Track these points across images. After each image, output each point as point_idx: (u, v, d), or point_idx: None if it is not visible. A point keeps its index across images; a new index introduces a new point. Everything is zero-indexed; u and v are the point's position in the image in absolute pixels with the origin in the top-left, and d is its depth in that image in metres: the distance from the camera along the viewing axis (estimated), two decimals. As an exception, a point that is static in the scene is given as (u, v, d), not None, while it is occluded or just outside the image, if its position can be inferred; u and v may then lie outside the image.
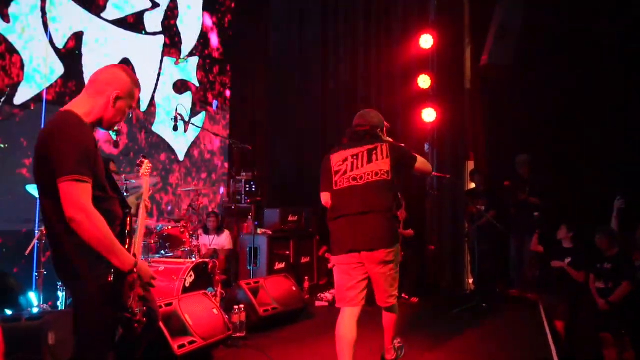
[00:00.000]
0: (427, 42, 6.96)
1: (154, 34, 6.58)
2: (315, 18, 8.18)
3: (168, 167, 6.75)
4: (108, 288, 1.84)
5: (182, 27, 7.04)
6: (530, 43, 6.37)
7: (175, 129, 4.66)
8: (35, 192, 3.96)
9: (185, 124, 6.89)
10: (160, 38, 6.69)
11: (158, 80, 6.64)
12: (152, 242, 4.99)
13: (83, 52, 5.58)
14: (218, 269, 4.89)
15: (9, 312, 3.90)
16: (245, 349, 3.72)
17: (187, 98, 7.08)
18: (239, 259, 6.16)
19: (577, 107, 6.12)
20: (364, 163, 2.99)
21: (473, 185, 6.70)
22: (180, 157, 6.97)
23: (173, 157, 6.85)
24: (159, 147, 6.62)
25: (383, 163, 2.97)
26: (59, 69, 5.32)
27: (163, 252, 5.00)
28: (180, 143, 6.97)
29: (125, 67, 2.15)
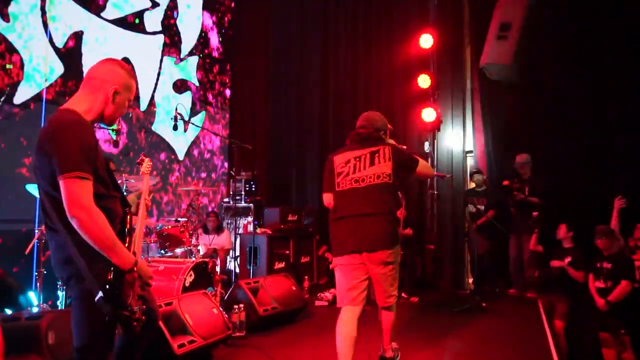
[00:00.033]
0: (427, 41, 6.98)
1: (154, 34, 6.58)
2: (315, 18, 8.18)
3: (168, 166, 6.75)
4: (107, 286, 1.83)
5: (182, 26, 7.04)
6: (530, 43, 6.36)
7: (175, 129, 4.67)
8: (35, 191, 3.97)
9: (185, 124, 6.92)
10: (160, 37, 6.69)
11: (158, 80, 6.64)
12: (151, 241, 5.01)
13: (83, 51, 5.58)
14: (219, 268, 4.89)
15: (9, 311, 3.90)
16: (245, 349, 3.72)
17: (187, 97, 7.08)
18: (239, 259, 6.15)
19: (577, 106, 6.12)
20: (367, 165, 3.02)
21: (473, 185, 6.71)
22: (180, 156, 6.97)
23: (173, 156, 6.85)
24: (159, 146, 6.63)
25: (385, 166, 3.00)
26: (59, 69, 5.32)
27: (163, 251, 5.00)
28: (180, 142, 6.98)
29: (119, 60, 2.14)
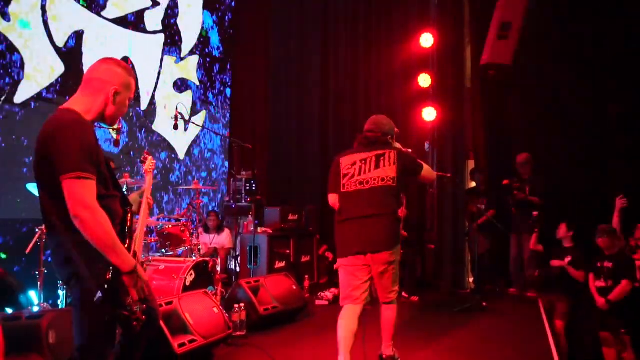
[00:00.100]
0: (427, 41, 6.97)
1: (154, 33, 6.58)
2: (315, 18, 8.17)
3: (168, 165, 6.75)
4: (107, 286, 1.83)
5: (182, 25, 7.04)
6: (530, 43, 6.36)
7: (176, 128, 4.67)
8: (36, 190, 3.97)
9: (186, 123, 6.91)
10: (161, 37, 6.68)
11: (158, 79, 6.64)
12: (151, 240, 5.01)
13: (83, 50, 5.58)
14: (220, 267, 4.89)
15: (10, 310, 3.90)
16: (246, 348, 3.72)
17: (187, 97, 7.08)
18: (239, 258, 6.15)
19: (577, 106, 6.12)
20: (372, 168, 3.10)
21: (473, 185, 6.70)
22: (181, 155, 6.97)
23: (173, 155, 6.85)
24: (159, 145, 6.63)
25: (390, 169, 3.08)
26: (59, 68, 5.32)
27: (163, 250, 5.00)
28: (181, 142, 6.98)
29: (117, 59, 2.13)
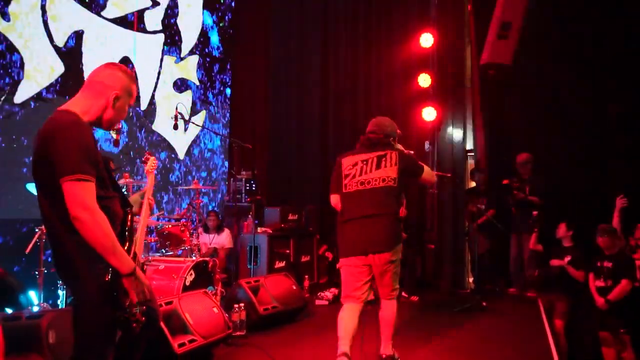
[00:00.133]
0: (427, 40, 6.96)
1: (154, 33, 6.58)
2: (315, 18, 8.17)
3: (168, 165, 6.75)
4: (106, 287, 1.83)
5: (182, 25, 7.03)
6: (530, 43, 6.36)
7: (176, 128, 4.67)
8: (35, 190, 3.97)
9: (185, 123, 6.91)
10: (161, 36, 6.68)
11: (158, 79, 6.64)
12: (151, 240, 5.01)
13: (83, 50, 5.58)
14: (218, 268, 4.90)
15: (9, 310, 3.90)
16: (246, 348, 3.72)
17: (187, 97, 7.08)
18: (239, 258, 6.16)
19: (577, 106, 6.12)
20: (373, 169, 3.15)
21: (473, 184, 6.70)
22: (181, 155, 6.97)
23: (173, 155, 6.85)
24: (159, 145, 6.63)
25: (391, 170, 3.12)
26: (59, 68, 5.32)
27: (163, 250, 5.00)
28: (181, 141, 6.97)
29: (121, 64, 2.13)
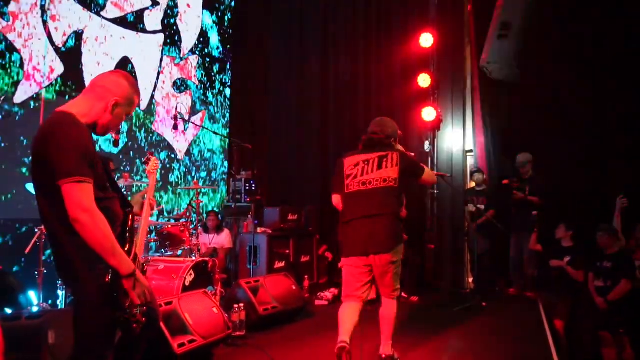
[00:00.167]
0: (427, 40, 6.96)
1: (154, 33, 6.58)
2: (315, 17, 8.17)
3: (168, 165, 6.75)
4: (106, 288, 1.83)
5: (182, 25, 7.04)
6: (530, 43, 6.36)
7: (175, 128, 4.68)
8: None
9: (185, 123, 6.92)
10: (160, 36, 6.68)
11: (158, 79, 6.64)
12: (151, 240, 5.00)
13: (83, 50, 5.58)
14: (218, 268, 4.89)
15: (9, 310, 3.91)
16: (245, 348, 3.72)
17: (186, 97, 7.08)
18: (239, 258, 6.15)
19: (577, 106, 6.12)
20: (374, 169, 3.17)
21: (473, 184, 6.70)
22: (180, 155, 6.97)
23: (173, 155, 6.85)
24: (159, 145, 6.63)
25: (392, 170, 3.15)
26: (59, 68, 5.32)
27: (163, 250, 5.00)
28: (180, 142, 6.98)
29: (127, 74, 2.13)
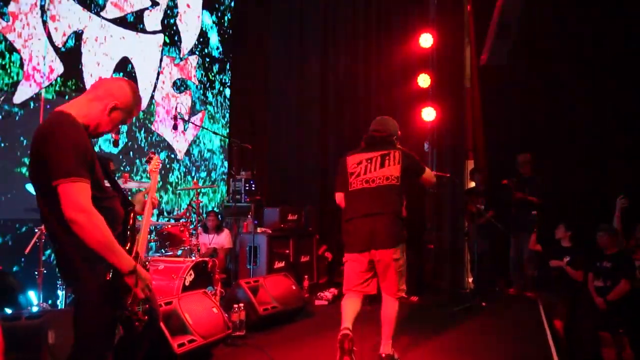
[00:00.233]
0: (427, 40, 6.97)
1: (154, 33, 6.58)
2: (315, 17, 8.17)
3: (168, 165, 6.75)
4: (107, 287, 1.83)
5: (181, 25, 7.03)
6: (530, 43, 6.36)
7: (175, 128, 4.67)
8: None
9: (185, 123, 6.92)
10: (160, 37, 6.68)
11: (157, 79, 6.64)
12: (151, 240, 5.00)
13: (83, 50, 5.58)
14: (218, 268, 4.89)
15: (9, 310, 3.90)
16: (245, 348, 3.72)
17: (186, 97, 7.08)
18: (239, 258, 6.15)
19: (577, 106, 6.12)
20: (377, 167, 3.23)
21: (473, 185, 6.71)
22: (180, 155, 6.97)
23: (173, 155, 6.85)
24: (159, 145, 6.62)
25: (394, 169, 3.21)
26: (59, 68, 5.32)
27: (163, 250, 5.00)
28: (180, 142, 6.97)
29: (132, 83, 2.12)
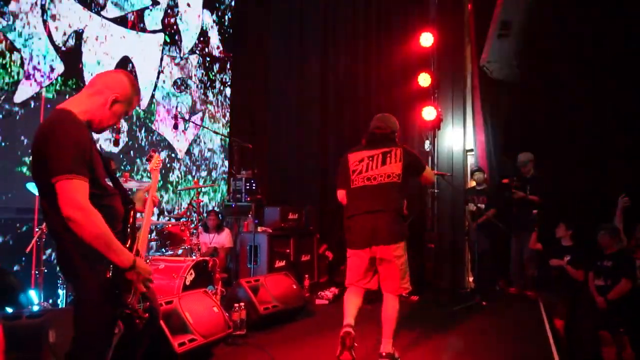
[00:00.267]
0: (427, 40, 6.96)
1: (154, 32, 6.58)
2: (315, 17, 8.17)
3: (168, 165, 6.75)
4: (107, 285, 1.84)
5: (182, 25, 7.04)
6: (531, 42, 6.36)
7: (176, 127, 4.68)
8: (35, 190, 3.98)
9: (185, 122, 6.92)
10: (160, 36, 6.68)
11: (158, 78, 6.64)
12: (151, 239, 5.00)
13: (83, 50, 5.58)
14: (218, 267, 4.90)
15: (10, 310, 3.91)
16: (246, 347, 3.73)
17: (187, 96, 7.08)
18: (239, 257, 6.16)
19: (577, 106, 6.11)
20: (379, 165, 3.25)
21: (473, 184, 6.70)
22: (181, 155, 6.97)
23: (173, 155, 6.85)
24: (159, 145, 6.62)
25: (395, 166, 3.23)
26: (59, 67, 5.32)
27: (163, 250, 5.00)
28: (181, 141, 6.97)
29: (129, 73, 2.13)
